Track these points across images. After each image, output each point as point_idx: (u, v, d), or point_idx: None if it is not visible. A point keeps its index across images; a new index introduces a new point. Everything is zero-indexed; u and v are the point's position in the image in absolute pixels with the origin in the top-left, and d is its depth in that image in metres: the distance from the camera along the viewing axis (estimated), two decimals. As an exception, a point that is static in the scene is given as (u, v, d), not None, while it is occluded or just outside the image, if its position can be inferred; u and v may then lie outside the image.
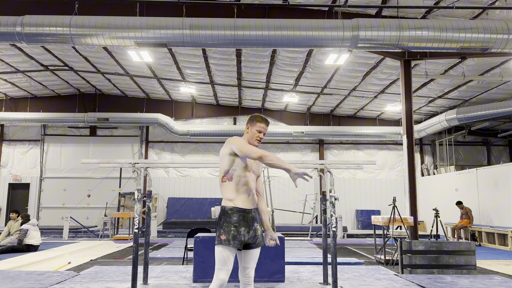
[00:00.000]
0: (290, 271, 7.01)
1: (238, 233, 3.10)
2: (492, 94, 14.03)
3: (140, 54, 10.86)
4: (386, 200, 17.50)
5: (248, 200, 3.19)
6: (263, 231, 3.28)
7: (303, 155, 18.00)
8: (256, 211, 3.26)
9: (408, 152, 10.08)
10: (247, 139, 3.33)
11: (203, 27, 8.29)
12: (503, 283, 6.15)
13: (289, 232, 14.74)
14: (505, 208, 12.04)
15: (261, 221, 3.31)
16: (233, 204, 3.16)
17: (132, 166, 5.67)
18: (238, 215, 3.14)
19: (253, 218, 3.20)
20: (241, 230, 3.11)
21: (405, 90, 10.32)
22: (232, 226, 3.10)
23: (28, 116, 16.21)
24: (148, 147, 17.88)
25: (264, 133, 3.33)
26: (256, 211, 3.26)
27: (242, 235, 3.11)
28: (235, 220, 3.12)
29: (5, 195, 17.46)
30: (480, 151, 18.13)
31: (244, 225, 3.13)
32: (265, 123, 3.34)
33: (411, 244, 7.07)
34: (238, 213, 3.14)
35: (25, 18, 8.35)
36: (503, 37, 8.05)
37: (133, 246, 5.26)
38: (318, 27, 8.24)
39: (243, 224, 3.13)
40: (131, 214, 13.61)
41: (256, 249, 3.23)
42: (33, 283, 5.76)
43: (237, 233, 3.10)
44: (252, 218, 3.19)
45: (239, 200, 3.16)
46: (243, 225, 3.13)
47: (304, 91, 14.92)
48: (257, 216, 3.25)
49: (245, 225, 3.14)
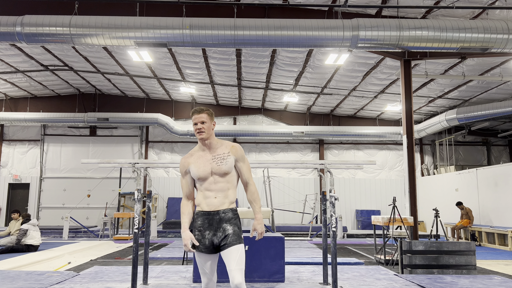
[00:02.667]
0: (290, 271, 7.01)
1: (203, 237, 3.01)
2: (492, 94, 14.04)
3: (140, 54, 10.87)
4: (386, 200, 17.51)
5: (214, 202, 3.04)
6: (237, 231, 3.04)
7: (303, 155, 18.01)
8: (228, 211, 3.06)
9: (408, 152, 10.08)
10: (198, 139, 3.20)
11: (203, 27, 8.29)
12: (503, 283, 6.15)
13: (289, 232, 14.74)
14: (505, 208, 12.04)
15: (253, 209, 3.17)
16: (200, 209, 3.09)
17: (132, 166, 5.67)
18: (202, 219, 3.04)
19: (221, 219, 3.03)
20: (205, 233, 3.01)
21: (405, 90, 10.32)
22: (196, 230, 3.03)
23: (28, 116, 16.22)
24: (148, 147, 17.89)
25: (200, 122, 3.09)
26: (228, 212, 3.06)
27: (207, 238, 3.01)
28: (199, 224, 3.04)
29: (5, 195, 17.46)
30: (480, 151, 18.13)
31: (209, 228, 3.02)
32: (197, 112, 3.12)
33: (411, 244, 7.07)
34: (202, 216, 3.05)
35: (25, 18, 8.35)
36: (503, 37, 8.05)
37: (133, 246, 5.26)
38: (318, 27, 8.24)
39: (207, 228, 3.02)
40: (131, 214, 13.61)
41: (229, 248, 2.98)
42: (33, 283, 5.76)
43: (202, 237, 3.01)
44: (219, 220, 3.03)
45: (204, 204, 3.06)
46: (208, 228, 3.02)
47: (304, 91, 14.92)
48: (228, 217, 3.04)
49: (210, 228, 3.02)
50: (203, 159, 3.11)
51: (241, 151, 3.18)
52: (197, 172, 3.06)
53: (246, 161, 3.20)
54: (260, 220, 3.09)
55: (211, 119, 3.14)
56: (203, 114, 3.10)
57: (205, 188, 3.06)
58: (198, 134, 3.09)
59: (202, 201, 3.07)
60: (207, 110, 3.14)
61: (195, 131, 3.10)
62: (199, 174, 3.06)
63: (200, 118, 3.09)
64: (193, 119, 3.11)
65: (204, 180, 3.06)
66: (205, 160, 3.10)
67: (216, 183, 3.06)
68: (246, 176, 3.18)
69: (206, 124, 3.09)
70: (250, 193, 3.16)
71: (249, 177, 3.18)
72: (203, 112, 3.11)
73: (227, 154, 3.12)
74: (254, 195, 3.16)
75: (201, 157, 3.12)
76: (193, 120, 3.12)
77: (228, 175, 3.09)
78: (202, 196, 3.07)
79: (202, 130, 3.08)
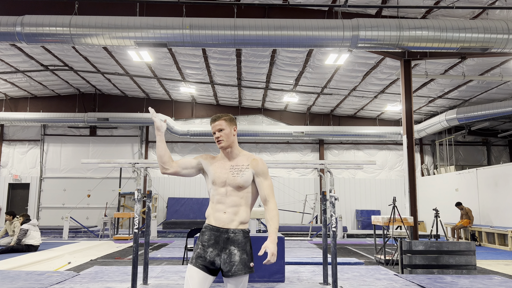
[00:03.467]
0: (290, 271, 7.01)
1: (205, 252, 2.70)
2: (492, 94, 14.04)
3: (140, 54, 10.87)
4: (386, 200, 17.51)
5: (222, 217, 2.74)
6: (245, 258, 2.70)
7: (303, 155, 18.01)
8: (238, 232, 2.73)
9: (408, 152, 10.08)
10: None
11: (203, 27, 8.29)
12: (503, 283, 6.15)
13: (289, 232, 14.74)
14: (505, 208, 12.04)
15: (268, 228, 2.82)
16: (208, 222, 2.82)
17: (132, 166, 5.67)
18: (209, 234, 2.75)
19: (228, 240, 2.70)
20: (208, 250, 2.70)
21: (405, 90, 10.32)
22: (200, 244, 2.75)
23: (28, 116, 16.21)
24: (148, 147, 17.89)
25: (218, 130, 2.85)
26: (238, 233, 2.73)
27: (208, 256, 2.69)
28: (205, 239, 2.74)
29: (5, 195, 17.46)
30: (480, 151, 18.13)
31: (213, 246, 2.71)
32: (213, 121, 2.90)
33: (411, 244, 7.07)
34: (210, 231, 2.76)
35: (25, 18, 8.35)
36: (503, 37, 8.05)
37: (133, 246, 5.26)
38: (318, 27, 8.24)
39: (212, 245, 2.71)
40: (131, 214, 13.61)
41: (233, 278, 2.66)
42: (33, 283, 5.76)
43: (203, 252, 2.70)
44: (227, 240, 2.71)
45: (212, 218, 2.79)
46: (212, 246, 2.71)
47: (304, 91, 14.92)
48: (238, 239, 2.72)
49: (215, 246, 2.71)
50: (222, 167, 2.85)
51: (264, 166, 2.87)
52: (213, 176, 2.82)
53: (268, 178, 2.87)
54: (274, 241, 2.70)
55: (231, 125, 2.87)
56: (220, 121, 2.85)
57: (217, 200, 2.79)
58: (218, 143, 2.84)
59: (211, 214, 2.81)
60: (225, 116, 2.89)
61: (215, 140, 2.87)
62: (214, 178, 2.81)
63: (217, 126, 2.85)
64: (212, 128, 2.89)
65: (217, 189, 2.79)
66: (223, 168, 2.84)
67: (228, 196, 2.77)
68: (266, 192, 2.82)
69: (225, 131, 2.83)
70: (269, 210, 2.81)
71: (269, 194, 2.83)
72: (220, 119, 2.86)
73: (246, 167, 2.83)
74: (273, 213, 2.79)
75: (221, 164, 2.87)
76: (212, 129, 2.88)
77: (243, 189, 2.79)
78: (212, 208, 2.81)
79: (220, 138, 2.83)
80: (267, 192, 2.83)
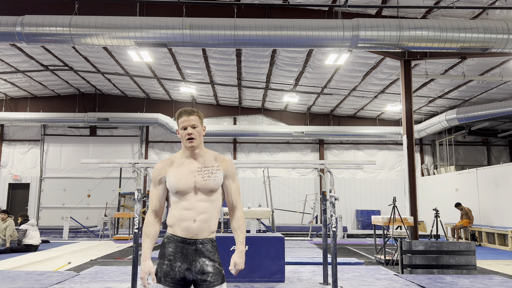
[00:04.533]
0: (290, 271, 7.01)
1: (172, 268, 2.40)
2: (492, 94, 14.04)
3: (140, 54, 10.87)
4: (386, 200, 17.51)
5: (192, 227, 2.42)
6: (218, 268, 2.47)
7: (303, 155, 18.01)
8: (207, 242, 2.46)
9: (408, 152, 10.08)
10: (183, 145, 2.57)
11: (203, 27, 8.29)
12: (503, 283, 6.15)
13: (289, 232, 14.74)
14: (505, 208, 12.04)
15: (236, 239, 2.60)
16: (171, 232, 2.47)
17: (132, 166, 5.68)
18: (174, 246, 2.43)
19: (197, 251, 2.43)
20: (176, 265, 2.41)
21: (405, 90, 10.32)
22: (165, 259, 2.43)
23: (28, 116, 16.22)
24: (148, 147, 17.89)
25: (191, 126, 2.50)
26: (207, 243, 2.46)
27: (177, 271, 2.40)
28: (170, 252, 2.43)
29: (5, 195, 17.46)
30: (480, 151, 18.13)
31: (181, 260, 2.41)
32: (186, 114, 2.53)
33: (411, 244, 7.07)
34: (174, 243, 2.44)
35: (25, 18, 8.35)
36: (503, 37, 8.06)
37: (133, 246, 5.26)
38: (318, 27, 8.24)
39: (180, 258, 2.41)
40: (131, 214, 13.61)
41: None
42: (33, 283, 5.76)
43: (171, 269, 2.40)
44: (195, 251, 2.43)
45: (178, 228, 2.44)
46: (180, 260, 2.41)
47: (304, 91, 14.92)
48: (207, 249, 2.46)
49: (184, 259, 2.41)
50: (186, 169, 2.49)
51: (233, 167, 2.62)
52: (177, 184, 2.45)
53: (236, 180, 2.63)
54: (242, 253, 2.53)
55: (202, 123, 2.58)
56: (194, 117, 2.52)
57: (182, 207, 2.45)
58: (188, 142, 2.49)
59: (176, 223, 2.45)
60: (198, 112, 2.57)
61: (183, 137, 2.51)
62: (179, 186, 2.45)
63: (190, 121, 2.51)
64: (182, 121, 2.51)
65: (183, 196, 2.46)
66: (188, 170, 2.49)
67: (198, 202, 2.45)
68: (234, 197, 2.59)
69: (197, 129, 2.52)
70: (236, 218, 2.59)
71: (237, 199, 2.61)
72: (193, 114, 2.53)
73: (217, 168, 2.54)
74: (241, 222, 2.59)
75: (183, 166, 2.51)
76: (181, 123, 2.52)
77: (213, 193, 2.50)
78: (178, 216, 2.45)
79: (193, 136, 2.48)
80: (235, 196, 2.61)
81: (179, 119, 2.54)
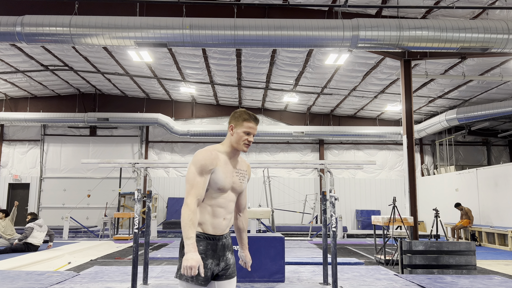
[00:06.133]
0: (290, 271, 7.01)
1: (205, 266, 2.41)
2: (492, 94, 14.04)
3: (140, 54, 10.87)
4: (386, 200, 17.51)
5: (222, 225, 2.51)
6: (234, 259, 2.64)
7: (303, 155, 18.01)
8: (229, 236, 2.61)
9: (408, 152, 10.08)
10: (231, 144, 2.58)
11: (203, 27, 8.29)
12: (503, 283, 6.15)
13: (289, 232, 14.74)
14: (505, 208, 12.04)
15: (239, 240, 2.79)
16: (201, 230, 2.48)
17: (132, 166, 5.68)
18: (205, 244, 2.46)
19: (224, 246, 2.53)
20: (208, 263, 2.43)
21: (405, 90, 10.32)
22: None
23: (28, 116, 16.22)
24: (148, 147, 17.89)
25: (253, 135, 2.59)
26: (229, 236, 2.61)
27: (209, 269, 2.44)
28: (201, 250, 2.43)
29: (5, 195, 17.46)
30: (480, 151, 18.13)
31: (212, 256, 2.46)
32: (254, 121, 2.58)
33: (411, 244, 7.07)
34: (205, 241, 2.46)
35: (25, 18, 8.35)
36: (503, 37, 8.06)
37: (133, 246, 5.26)
38: (318, 27, 8.24)
39: (210, 255, 2.46)
40: (131, 214, 13.61)
41: (230, 280, 2.55)
42: (33, 283, 5.76)
43: (204, 267, 2.41)
44: (223, 246, 2.53)
45: (210, 226, 2.48)
46: (211, 257, 2.46)
47: (304, 91, 14.92)
48: (229, 242, 2.60)
49: (214, 256, 2.47)
50: (229, 168, 2.55)
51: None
52: (224, 181, 2.49)
53: None
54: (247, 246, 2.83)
55: None
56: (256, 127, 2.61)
57: (218, 204, 2.50)
58: (245, 146, 2.56)
59: (208, 221, 2.48)
60: None
61: (242, 141, 2.55)
62: (224, 184, 2.50)
63: (254, 130, 2.58)
64: (248, 127, 2.55)
65: (222, 193, 2.51)
66: (231, 170, 2.56)
67: (229, 202, 2.55)
68: (246, 200, 2.78)
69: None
70: (244, 220, 2.78)
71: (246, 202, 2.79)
72: (257, 124, 2.62)
73: (245, 173, 2.67)
74: (246, 223, 2.80)
75: (228, 165, 2.55)
76: (246, 127, 2.55)
77: (239, 195, 2.67)
78: (211, 213, 2.49)
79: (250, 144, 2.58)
80: (246, 199, 2.79)
81: (245, 122, 2.56)
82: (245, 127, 2.55)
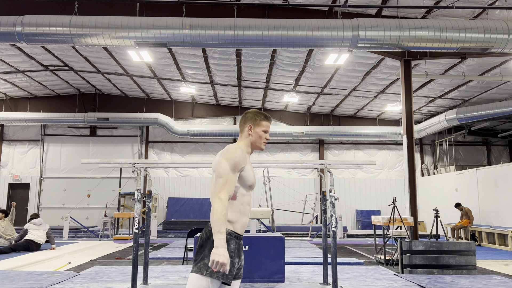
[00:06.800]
0: (290, 271, 7.01)
1: (233, 265, 2.41)
2: (492, 94, 14.04)
3: (140, 54, 10.87)
4: (386, 200, 17.51)
5: (247, 223, 2.54)
6: None
7: (303, 155, 18.01)
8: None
9: (408, 152, 10.08)
10: (251, 142, 2.65)
11: (203, 27, 8.29)
12: (503, 283, 6.15)
13: (289, 232, 14.74)
14: (505, 208, 12.04)
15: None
16: (232, 228, 2.44)
17: (132, 166, 5.67)
18: (235, 243, 2.44)
19: (240, 246, 2.54)
20: (235, 262, 2.43)
21: (405, 90, 10.32)
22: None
23: (28, 116, 16.22)
24: (148, 147, 17.89)
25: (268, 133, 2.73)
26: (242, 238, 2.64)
27: (235, 268, 2.44)
28: (232, 249, 2.40)
29: (5, 195, 17.46)
30: (480, 151, 18.13)
31: (238, 255, 2.47)
32: (269, 120, 2.72)
33: (411, 244, 7.07)
34: (235, 239, 2.44)
35: (25, 18, 8.35)
36: (503, 37, 8.05)
37: (133, 246, 5.26)
38: (318, 27, 8.24)
39: (237, 255, 2.45)
40: (131, 214, 13.61)
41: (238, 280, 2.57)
42: (33, 283, 5.76)
43: (232, 266, 2.40)
44: (240, 246, 2.54)
45: (239, 224, 2.47)
46: (237, 255, 2.46)
47: (304, 91, 14.92)
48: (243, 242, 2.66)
49: (239, 254, 2.48)
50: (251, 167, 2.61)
51: None
52: (252, 178, 2.55)
53: None
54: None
55: None
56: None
57: (247, 202, 2.51)
58: (264, 144, 2.67)
59: (239, 218, 2.47)
60: None
61: (260, 137, 2.64)
62: (254, 181, 2.55)
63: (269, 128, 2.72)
64: (266, 125, 2.67)
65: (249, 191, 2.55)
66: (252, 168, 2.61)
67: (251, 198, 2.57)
68: None
69: None
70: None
71: None
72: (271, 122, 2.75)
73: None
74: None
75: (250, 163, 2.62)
76: (265, 126, 2.66)
77: None
78: (242, 211, 2.49)
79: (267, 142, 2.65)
80: None
81: (263, 121, 2.67)
82: (263, 126, 2.66)
